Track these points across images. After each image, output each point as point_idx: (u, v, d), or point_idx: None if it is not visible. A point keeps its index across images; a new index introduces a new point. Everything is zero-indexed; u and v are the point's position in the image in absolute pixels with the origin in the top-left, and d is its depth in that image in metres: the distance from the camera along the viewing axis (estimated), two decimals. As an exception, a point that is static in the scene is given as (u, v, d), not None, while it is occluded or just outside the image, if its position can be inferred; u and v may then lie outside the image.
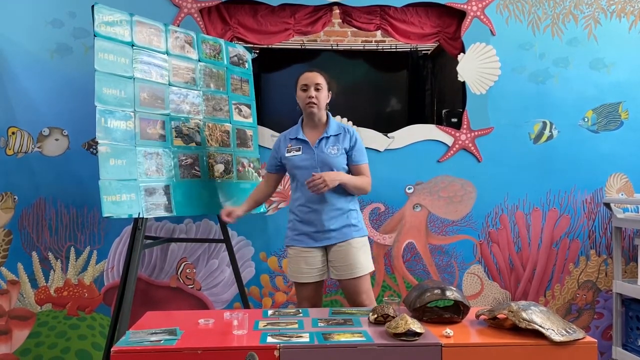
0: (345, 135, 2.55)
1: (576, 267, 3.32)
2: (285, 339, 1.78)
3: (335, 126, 2.58)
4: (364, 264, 2.51)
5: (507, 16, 3.28)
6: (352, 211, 2.55)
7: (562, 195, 3.30)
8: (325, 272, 2.57)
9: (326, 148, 2.52)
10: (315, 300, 2.56)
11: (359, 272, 2.49)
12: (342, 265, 2.50)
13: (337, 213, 2.50)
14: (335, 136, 2.55)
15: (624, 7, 3.33)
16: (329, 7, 3.25)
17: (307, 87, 2.51)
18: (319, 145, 2.53)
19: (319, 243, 2.52)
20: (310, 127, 2.60)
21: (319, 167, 2.48)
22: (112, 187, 2.42)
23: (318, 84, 2.51)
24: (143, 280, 3.13)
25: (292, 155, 2.56)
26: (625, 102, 3.33)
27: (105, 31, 2.53)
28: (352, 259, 2.48)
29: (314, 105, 2.51)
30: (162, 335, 1.82)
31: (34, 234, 3.07)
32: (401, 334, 1.78)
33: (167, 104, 2.73)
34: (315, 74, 2.55)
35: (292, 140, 2.59)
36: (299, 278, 2.55)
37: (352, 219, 2.53)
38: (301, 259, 2.54)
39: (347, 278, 2.49)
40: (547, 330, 1.80)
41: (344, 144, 2.53)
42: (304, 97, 2.52)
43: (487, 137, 3.26)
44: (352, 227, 2.52)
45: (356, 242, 2.51)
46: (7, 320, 3.06)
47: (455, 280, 3.26)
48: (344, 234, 2.50)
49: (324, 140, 2.53)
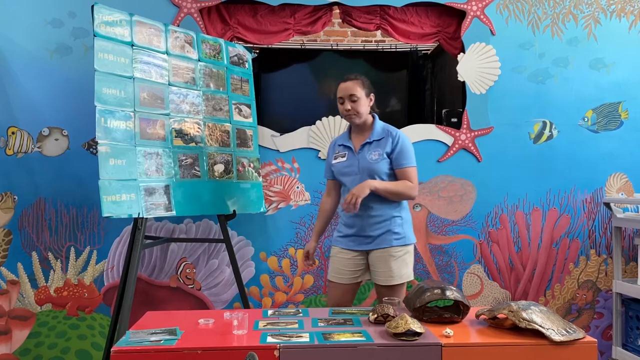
0: (387, 139, 2.48)
1: (576, 267, 3.32)
2: (285, 338, 1.79)
3: (379, 130, 2.51)
4: (401, 273, 2.44)
5: (507, 16, 3.28)
6: (395, 218, 2.47)
7: (562, 195, 3.30)
8: (362, 275, 2.54)
9: (368, 154, 2.47)
10: (345, 303, 2.53)
11: (394, 280, 2.43)
12: (378, 271, 2.46)
13: (378, 219, 2.45)
14: (378, 141, 2.49)
15: (624, 7, 3.33)
16: (329, 7, 3.25)
17: (343, 100, 2.47)
18: (361, 151, 2.49)
19: (359, 247, 2.49)
20: (357, 133, 2.56)
21: (359, 173, 2.45)
22: (112, 187, 2.42)
23: (352, 95, 2.44)
24: (143, 280, 3.13)
25: (337, 162, 2.54)
26: (625, 101, 3.33)
27: (105, 31, 2.53)
28: (389, 267, 2.44)
29: (353, 117, 2.47)
30: (162, 335, 1.82)
31: (33, 234, 3.07)
32: (401, 334, 1.78)
33: (167, 103, 2.73)
34: (348, 85, 2.46)
35: (340, 146, 2.57)
36: (334, 277, 2.54)
37: (395, 226, 2.46)
38: (340, 259, 2.53)
39: (383, 284, 2.46)
40: (547, 330, 1.80)
41: (386, 148, 2.46)
42: (342, 110, 2.49)
43: (487, 136, 3.26)
44: (394, 235, 2.45)
45: (395, 251, 2.44)
46: (7, 320, 3.06)
47: (455, 280, 3.26)
48: (384, 240, 2.45)
49: (367, 146, 2.49)
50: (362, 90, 2.45)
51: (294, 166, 3.21)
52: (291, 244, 3.19)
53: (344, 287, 2.53)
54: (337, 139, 2.64)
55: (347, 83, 2.46)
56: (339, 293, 2.54)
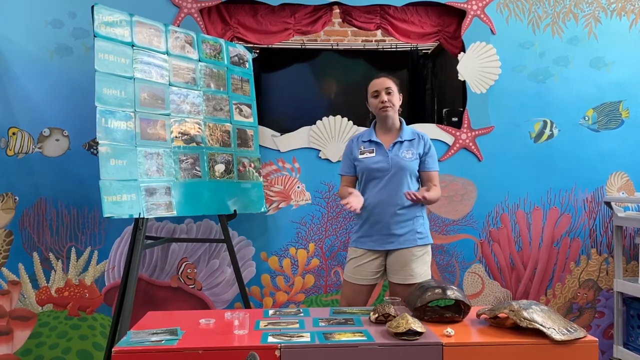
0: (420, 141, 2.55)
1: (577, 266, 3.32)
2: (286, 338, 1.79)
3: (409, 131, 2.58)
4: (421, 273, 2.48)
5: (507, 15, 3.28)
6: (418, 217, 2.52)
7: (562, 194, 3.30)
8: (379, 277, 2.55)
9: (401, 152, 2.51)
10: (360, 302, 2.54)
11: (413, 279, 2.45)
12: (398, 269, 2.48)
13: (403, 218, 2.48)
14: (409, 141, 2.54)
15: (624, 6, 3.33)
16: (329, 7, 3.25)
17: (379, 93, 2.51)
18: (393, 149, 2.52)
19: (381, 247, 2.50)
20: (384, 131, 2.59)
21: (392, 170, 2.48)
22: (112, 188, 2.42)
23: (388, 88, 2.51)
24: (144, 281, 3.13)
25: (365, 157, 2.55)
26: (626, 100, 3.33)
27: (105, 31, 2.54)
28: (409, 266, 2.46)
29: (388, 108, 2.50)
30: (163, 336, 1.83)
31: (34, 234, 3.07)
32: (402, 334, 1.78)
33: (167, 104, 2.73)
34: (384, 79, 2.54)
35: (365, 142, 2.59)
36: (354, 279, 2.54)
37: (418, 225, 2.51)
38: (361, 261, 2.53)
39: (400, 283, 2.48)
40: (548, 329, 1.80)
41: (419, 150, 2.53)
42: (377, 103, 2.51)
43: (487, 136, 3.26)
44: (417, 234, 2.49)
45: (417, 250, 2.49)
46: (8, 321, 3.06)
47: (456, 280, 3.26)
48: (408, 240, 2.48)
49: (398, 144, 2.53)
50: (395, 85, 2.54)
51: (295, 166, 3.21)
52: (292, 243, 3.19)
53: (362, 288, 2.54)
54: (361, 135, 2.65)
55: (381, 78, 2.55)
56: (355, 294, 2.54)
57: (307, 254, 3.20)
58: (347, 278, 2.58)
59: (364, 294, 2.56)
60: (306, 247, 3.20)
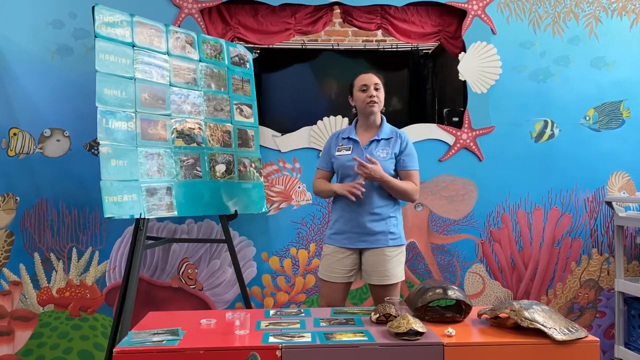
0: (397, 140, 2.54)
1: (578, 266, 3.32)
2: (287, 339, 1.79)
3: (388, 130, 2.57)
4: (395, 273, 2.47)
5: (507, 15, 3.28)
6: (391, 218, 2.50)
7: (563, 194, 3.30)
8: (354, 275, 2.54)
9: (376, 151, 2.50)
10: (338, 301, 2.53)
11: (389, 280, 2.45)
12: (373, 270, 2.47)
13: (376, 217, 2.47)
14: (386, 140, 2.53)
15: (625, 6, 3.33)
16: (330, 7, 3.25)
17: (367, 87, 2.51)
18: (369, 147, 2.52)
19: (353, 245, 2.50)
20: (364, 129, 2.59)
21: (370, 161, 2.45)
22: (113, 188, 2.42)
23: (377, 84, 2.52)
24: (145, 281, 3.13)
25: (341, 154, 2.55)
26: (627, 100, 3.33)
27: (105, 32, 2.54)
28: (384, 267, 2.45)
29: (375, 104, 2.51)
30: (164, 336, 1.83)
31: (35, 234, 3.07)
32: (403, 334, 1.78)
33: (168, 104, 2.73)
34: (371, 74, 2.55)
35: (344, 139, 2.59)
36: (328, 277, 2.53)
37: (391, 226, 2.49)
38: (333, 258, 2.53)
39: (376, 284, 2.48)
40: (549, 329, 1.80)
41: (394, 149, 2.51)
42: (364, 97, 2.51)
43: (488, 136, 3.26)
44: (389, 235, 2.48)
45: (390, 251, 2.47)
46: (10, 321, 3.06)
47: (457, 280, 3.26)
48: (380, 240, 2.47)
49: (375, 143, 2.52)
50: (381, 83, 2.56)
51: (295, 166, 3.21)
52: (293, 244, 3.19)
53: (337, 286, 2.52)
54: (341, 132, 2.65)
55: (369, 73, 2.56)
56: (332, 292, 2.53)
57: (308, 254, 3.20)
58: (322, 276, 2.57)
59: (341, 292, 2.53)
60: (307, 247, 3.20)
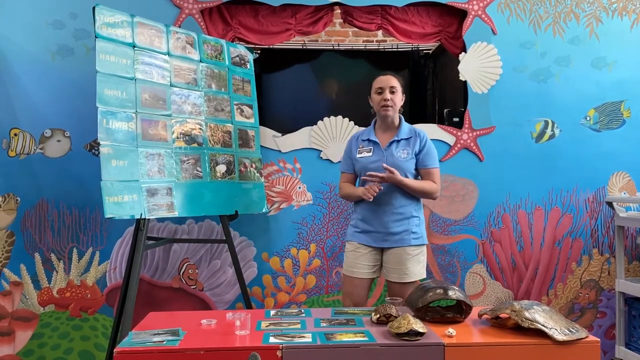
0: (416, 139, 2.56)
1: (579, 266, 3.32)
2: (288, 339, 1.79)
3: (407, 130, 2.59)
4: (414, 271, 2.51)
5: (508, 15, 3.28)
6: (414, 218, 2.54)
7: (564, 194, 3.30)
8: (377, 271, 2.59)
9: (396, 151, 2.53)
10: (361, 298, 2.58)
11: (408, 278, 2.49)
12: (393, 268, 2.52)
13: (398, 217, 2.51)
14: (406, 140, 2.56)
15: (626, 6, 3.32)
16: (330, 7, 3.25)
17: (382, 90, 2.53)
18: (389, 148, 2.54)
19: (376, 244, 2.54)
20: (383, 130, 2.61)
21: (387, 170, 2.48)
22: (114, 188, 2.42)
23: (393, 87, 2.53)
24: (145, 281, 3.13)
25: (362, 157, 2.58)
26: (627, 100, 3.33)
27: (106, 32, 2.54)
28: (404, 265, 2.49)
29: (389, 108, 2.52)
30: (165, 336, 1.83)
31: (36, 235, 3.07)
32: (404, 334, 1.78)
33: (168, 104, 2.74)
34: (389, 77, 2.56)
35: (364, 141, 2.61)
36: (352, 272, 2.57)
37: (413, 225, 2.53)
38: (357, 253, 2.56)
39: (396, 282, 2.51)
40: (549, 330, 1.80)
41: (414, 148, 2.54)
42: (379, 100, 2.53)
43: (488, 136, 3.25)
44: (412, 234, 2.52)
45: (412, 250, 2.51)
46: (10, 322, 3.06)
47: (457, 280, 3.26)
48: (402, 239, 2.50)
49: (395, 144, 2.55)
50: (399, 85, 2.56)
51: (296, 166, 3.21)
52: (293, 244, 3.19)
53: (360, 282, 2.56)
54: (361, 134, 2.68)
55: (387, 75, 2.57)
56: (355, 288, 2.57)
57: (309, 255, 3.20)
58: (345, 272, 2.61)
59: (363, 289, 2.58)
60: (307, 247, 3.20)
